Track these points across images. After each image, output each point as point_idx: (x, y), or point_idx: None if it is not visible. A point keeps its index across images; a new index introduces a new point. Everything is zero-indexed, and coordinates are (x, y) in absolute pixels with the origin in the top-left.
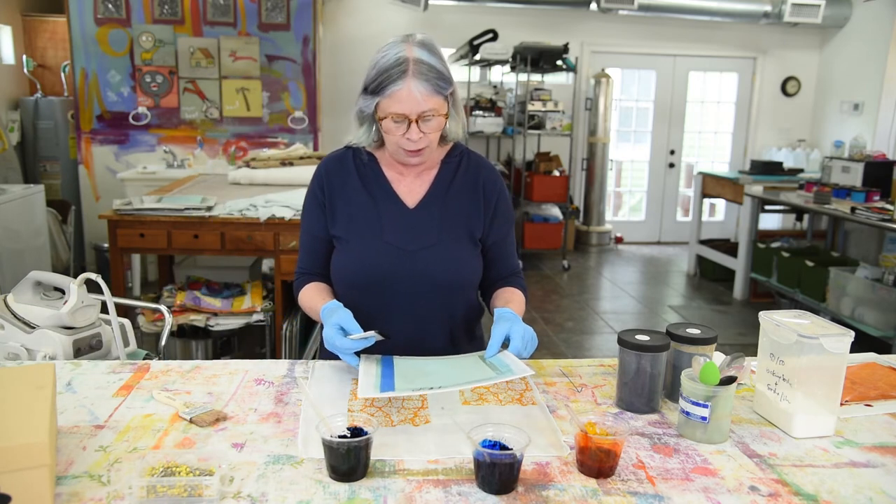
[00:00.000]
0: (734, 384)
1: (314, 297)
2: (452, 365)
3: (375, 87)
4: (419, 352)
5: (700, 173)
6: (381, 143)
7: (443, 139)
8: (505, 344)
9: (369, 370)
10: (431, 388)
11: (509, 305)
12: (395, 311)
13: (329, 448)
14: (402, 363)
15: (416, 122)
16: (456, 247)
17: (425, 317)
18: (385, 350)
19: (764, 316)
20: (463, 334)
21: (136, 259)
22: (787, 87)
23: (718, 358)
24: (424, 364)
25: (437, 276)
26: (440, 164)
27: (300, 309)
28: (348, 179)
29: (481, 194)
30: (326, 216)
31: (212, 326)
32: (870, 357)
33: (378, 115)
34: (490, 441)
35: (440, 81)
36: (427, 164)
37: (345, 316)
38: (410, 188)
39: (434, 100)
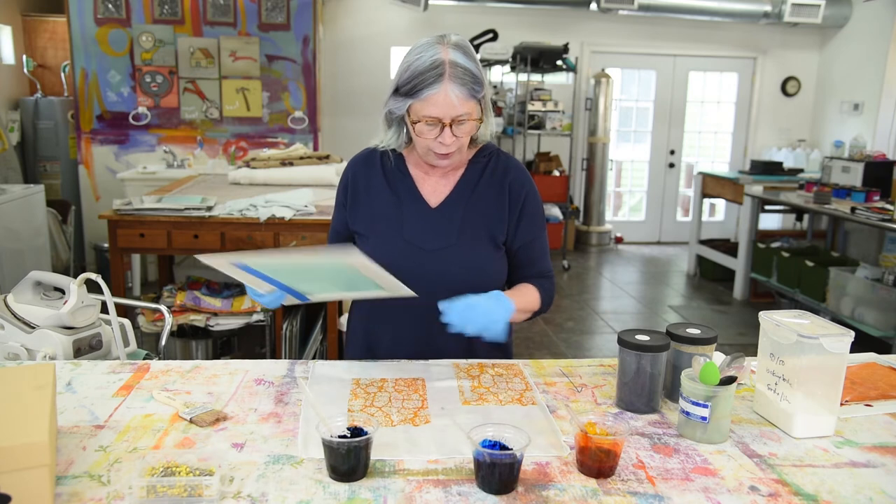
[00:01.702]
0: (734, 384)
1: None
2: (320, 271)
3: (409, 89)
4: (432, 353)
5: (700, 173)
6: (410, 144)
7: (472, 141)
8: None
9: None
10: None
11: (508, 293)
12: (408, 311)
13: (329, 448)
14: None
15: (451, 125)
16: (475, 249)
17: (438, 319)
18: (399, 348)
19: (764, 316)
20: (481, 340)
21: (136, 259)
22: (787, 87)
23: (718, 358)
24: (287, 262)
25: (452, 276)
26: (467, 164)
27: (300, 309)
28: (373, 178)
29: (506, 196)
30: (347, 214)
31: (212, 326)
32: (870, 357)
33: (411, 119)
34: (490, 441)
35: (475, 85)
36: (454, 164)
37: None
38: (435, 187)
39: (469, 104)
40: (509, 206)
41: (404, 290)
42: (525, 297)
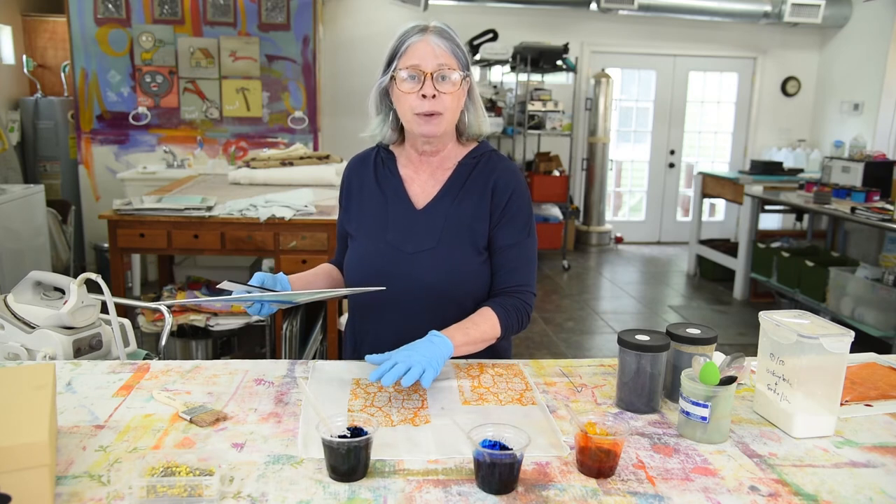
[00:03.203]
0: (734, 384)
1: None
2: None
3: (393, 52)
4: None
5: (700, 173)
6: (398, 136)
7: (460, 134)
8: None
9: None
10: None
11: (452, 331)
12: (389, 313)
13: (329, 448)
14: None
15: (431, 76)
16: (454, 252)
17: (417, 321)
18: (380, 348)
19: (764, 316)
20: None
21: (136, 259)
22: (787, 87)
23: (718, 358)
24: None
25: (427, 280)
26: (458, 165)
27: (300, 309)
28: (366, 178)
29: (489, 197)
30: (343, 215)
31: (212, 326)
32: (870, 357)
33: (395, 79)
34: (490, 441)
35: (457, 48)
36: (443, 163)
37: (259, 275)
38: (423, 188)
39: (450, 58)
40: (491, 207)
41: (370, 289)
42: (474, 331)
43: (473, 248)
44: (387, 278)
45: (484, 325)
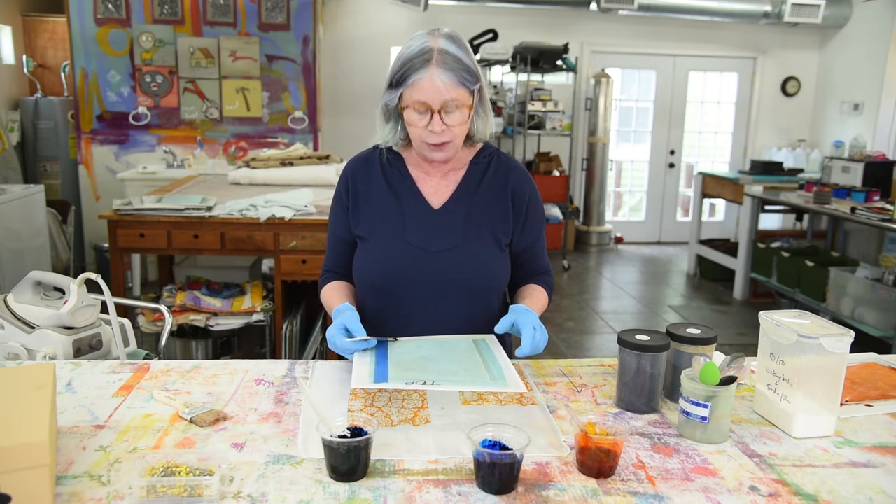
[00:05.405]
0: (734, 384)
1: (332, 297)
2: (447, 353)
3: (399, 77)
4: None
5: (700, 173)
6: (407, 141)
7: (470, 139)
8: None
9: (363, 359)
10: (424, 384)
11: (524, 301)
12: (415, 313)
13: (329, 448)
14: (396, 348)
15: (439, 112)
16: (480, 249)
17: (445, 319)
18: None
19: (764, 316)
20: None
21: (136, 259)
22: (787, 87)
23: (718, 358)
24: (418, 348)
25: (458, 277)
26: (468, 164)
27: (300, 309)
28: (373, 179)
29: (509, 199)
30: (350, 218)
31: (212, 326)
32: (870, 357)
33: (401, 106)
34: (490, 441)
35: (465, 73)
36: (454, 164)
37: (351, 317)
38: (437, 188)
39: (458, 91)
40: (513, 210)
41: (517, 388)
42: (539, 303)
43: (497, 244)
44: (412, 279)
45: (542, 297)
